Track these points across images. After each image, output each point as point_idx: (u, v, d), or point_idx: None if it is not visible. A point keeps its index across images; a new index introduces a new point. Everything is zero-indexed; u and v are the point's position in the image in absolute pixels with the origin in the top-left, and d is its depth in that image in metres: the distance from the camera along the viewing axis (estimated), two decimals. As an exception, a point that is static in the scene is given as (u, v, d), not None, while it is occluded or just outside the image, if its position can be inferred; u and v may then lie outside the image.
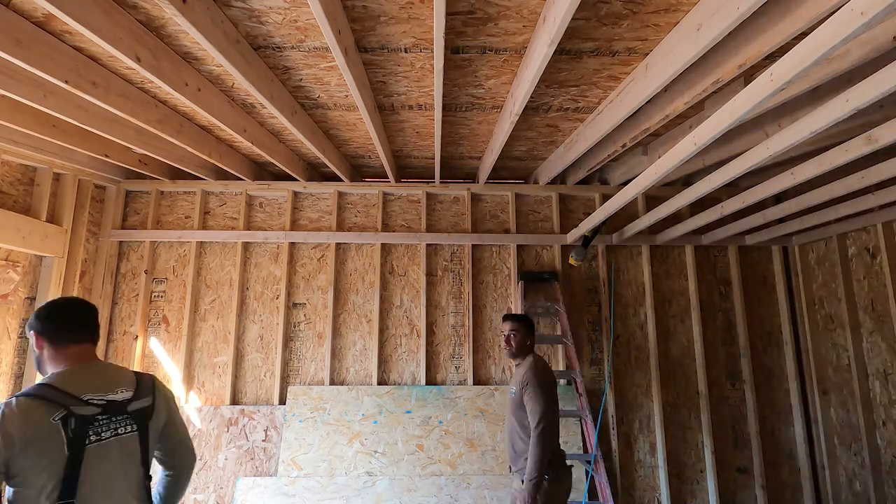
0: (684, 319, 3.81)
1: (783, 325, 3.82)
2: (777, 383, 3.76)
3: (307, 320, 3.73)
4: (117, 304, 3.66)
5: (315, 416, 3.45)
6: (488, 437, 3.44)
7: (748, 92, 1.65)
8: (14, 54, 1.78)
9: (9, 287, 2.97)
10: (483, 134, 3.11)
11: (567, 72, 2.25)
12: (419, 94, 2.52)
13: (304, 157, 3.65)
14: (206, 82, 2.36)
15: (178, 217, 3.84)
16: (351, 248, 3.85)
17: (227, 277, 3.75)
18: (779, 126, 2.38)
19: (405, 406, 3.50)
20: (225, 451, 3.39)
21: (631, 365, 3.73)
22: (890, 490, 3.16)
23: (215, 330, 3.67)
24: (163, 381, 1.69)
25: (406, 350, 3.71)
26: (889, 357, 3.15)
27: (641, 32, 1.91)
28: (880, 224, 3.14)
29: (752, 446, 3.62)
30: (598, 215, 3.20)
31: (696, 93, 2.02)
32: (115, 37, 1.75)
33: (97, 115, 2.57)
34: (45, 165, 3.12)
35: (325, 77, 2.34)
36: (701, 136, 1.99)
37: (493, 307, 3.79)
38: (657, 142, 3.10)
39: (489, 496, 3.25)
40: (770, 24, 1.56)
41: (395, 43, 2.03)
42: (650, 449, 3.60)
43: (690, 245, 3.86)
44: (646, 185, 2.52)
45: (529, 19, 1.85)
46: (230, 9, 1.80)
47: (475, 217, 3.93)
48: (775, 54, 1.77)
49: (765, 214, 3.05)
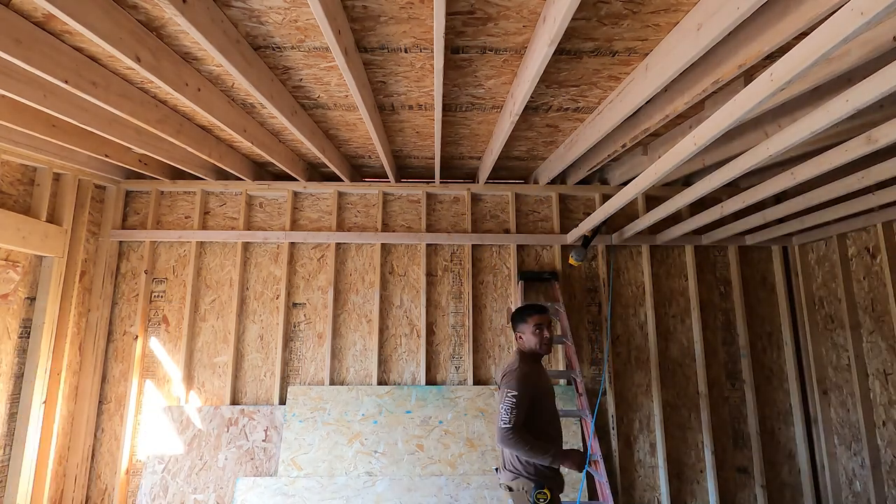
0: (684, 319, 3.82)
1: (783, 325, 3.82)
2: (777, 383, 3.76)
3: (307, 320, 3.73)
4: (117, 304, 3.66)
5: (315, 416, 3.45)
6: (488, 437, 3.44)
7: (748, 92, 1.65)
8: (14, 54, 1.78)
9: (9, 287, 2.97)
10: (483, 134, 3.11)
11: (567, 72, 2.25)
12: (419, 94, 2.52)
13: (304, 157, 3.65)
14: (206, 82, 2.36)
15: (178, 217, 3.84)
16: (351, 248, 3.85)
17: (227, 277, 3.75)
18: (779, 126, 2.38)
19: (405, 406, 3.50)
20: (225, 451, 3.39)
21: (631, 365, 3.73)
22: (890, 490, 3.16)
23: (215, 330, 3.67)
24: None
25: (406, 350, 3.71)
26: (889, 357, 3.15)
27: (641, 32, 1.91)
28: (880, 224, 3.14)
29: (752, 446, 3.62)
30: (598, 215, 3.20)
31: (696, 93, 2.02)
32: (116, 37, 1.75)
33: (97, 115, 2.57)
34: (45, 165, 3.12)
35: (325, 77, 2.34)
36: (701, 136, 1.99)
37: (493, 307, 3.79)
38: (657, 142, 3.10)
39: (489, 496, 3.25)
40: (770, 24, 1.56)
41: (395, 43, 2.03)
42: (650, 449, 3.60)
43: (690, 245, 3.86)
44: (646, 185, 2.52)
45: (529, 19, 1.85)
46: (230, 9, 1.80)
47: (475, 217, 3.93)
48: (775, 54, 1.77)
49: (765, 214, 3.05)
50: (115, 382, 3.55)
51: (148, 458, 3.35)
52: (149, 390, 3.56)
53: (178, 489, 3.29)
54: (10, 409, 2.98)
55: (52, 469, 3.17)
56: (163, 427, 3.42)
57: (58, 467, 3.26)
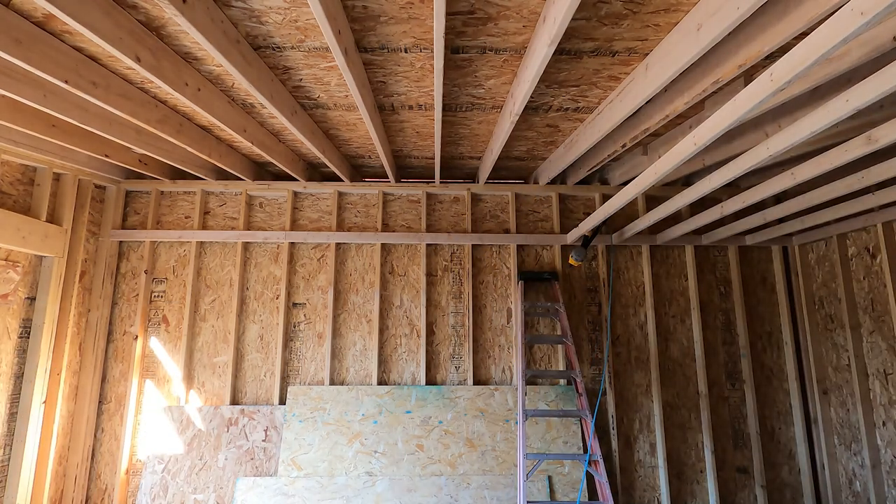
0: (684, 319, 3.82)
1: (783, 325, 3.82)
2: (777, 383, 3.76)
3: (307, 320, 3.73)
4: (117, 304, 3.66)
5: (315, 416, 3.45)
6: (488, 437, 3.44)
7: (748, 92, 1.65)
8: (14, 54, 1.78)
9: (9, 287, 2.97)
10: (483, 134, 3.11)
11: (567, 72, 2.25)
12: (419, 94, 2.52)
13: (304, 157, 3.65)
14: (206, 82, 2.36)
15: (178, 217, 3.84)
16: (351, 249, 3.85)
17: (227, 277, 3.75)
18: (779, 126, 2.38)
19: (405, 406, 3.50)
20: (225, 451, 3.39)
21: (631, 365, 3.73)
22: (890, 490, 3.16)
23: (215, 330, 3.67)
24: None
25: (406, 350, 3.71)
26: (889, 357, 3.15)
27: (641, 32, 1.91)
28: (880, 224, 3.14)
29: (752, 446, 3.62)
30: (598, 215, 3.20)
31: (696, 93, 2.02)
32: (116, 37, 1.75)
33: (97, 115, 2.57)
34: (45, 165, 3.12)
35: (325, 77, 2.34)
36: (701, 136, 1.99)
37: (493, 307, 3.79)
38: (657, 142, 3.10)
39: (489, 496, 3.25)
40: (770, 24, 1.56)
41: (395, 43, 2.03)
42: (650, 449, 3.60)
43: (690, 245, 3.86)
44: (646, 185, 2.52)
45: (529, 19, 1.85)
46: (230, 9, 1.80)
47: (475, 217, 3.93)
48: (775, 54, 1.78)
49: (765, 214, 3.05)
50: (115, 382, 3.55)
51: (148, 458, 3.35)
52: (149, 390, 3.56)
53: (178, 489, 3.29)
54: (10, 409, 2.98)
55: (52, 469, 3.17)
56: (163, 427, 3.42)
57: (58, 467, 3.26)
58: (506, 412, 3.50)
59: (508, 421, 3.47)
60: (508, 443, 3.42)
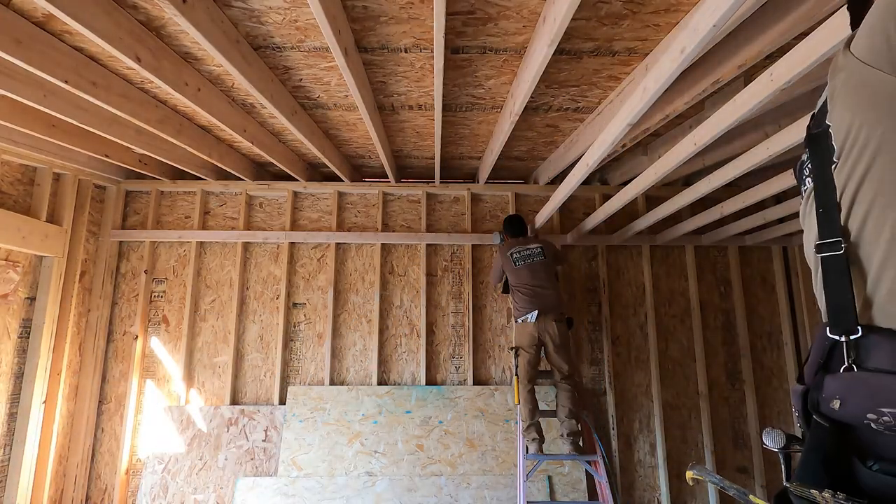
0: (684, 319, 3.81)
1: (783, 325, 3.82)
2: (777, 383, 3.76)
3: (307, 320, 3.73)
4: (117, 304, 3.66)
5: (315, 416, 3.45)
6: (488, 437, 3.44)
7: (748, 92, 1.65)
8: (14, 54, 1.78)
9: (9, 287, 2.97)
10: (483, 134, 3.11)
11: (567, 72, 2.25)
12: (419, 94, 2.52)
13: (304, 157, 3.65)
14: (206, 82, 2.36)
15: (178, 217, 3.84)
16: (351, 249, 3.85)
17: (227, 277, 3.75)
18: (779, 126, 2.38)
19: (405, 406, 3.50)
20: (225, 451, 3.39)
21: (631, 365, 3.73)
22: (890, 490, 3.16)
23: (215, 330, 3.67)
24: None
25: (406, 350, 3.71)
26: (889, 357, 3.15)
27: (641, 32, 1.91)
28: (880, 224, 3.13)
29: (752, 446, 3.62)
30: (598, 215, 3.20)
31: (696, 93, 2.02)
32: (116, 37, 1.75)
33: (97, 115, 2.57)
34: (45, 165, 3.12)
35: (325, 77, 2.34)
36: (701, 136, 1.98)
37: (493, 307, 3.79)
38: (657, 142, 3.10)
39: (489, 496, 3.25)
40: (770, 24, 1.56)
41: (395, 43, 2.04)
42: (650, 449, 3.60)
43: (690, 245, 3.86)
44: (646, 185, 2.52)
45: (529, 19, 1.85)
46: (230, 9, 1.80)
47: (475, 217, 3.93)
48: (775, 54, 1.77)
49: (765, 214, 3.05)
50: (115, 382, 3.55)
51: (148, 458, 3.35)
52: (149, 390, 3.56)
53: (178, 489, 3.29)
54: (10, 408, 2.98)
55: (52, 469, 3.17)
56: (163, 427, 3.42)
57: (58, 467, 3.26)
58: (506, 412, 3.50)
59: (508, 421, 3.47)
60: (508, 443, 3.42)
